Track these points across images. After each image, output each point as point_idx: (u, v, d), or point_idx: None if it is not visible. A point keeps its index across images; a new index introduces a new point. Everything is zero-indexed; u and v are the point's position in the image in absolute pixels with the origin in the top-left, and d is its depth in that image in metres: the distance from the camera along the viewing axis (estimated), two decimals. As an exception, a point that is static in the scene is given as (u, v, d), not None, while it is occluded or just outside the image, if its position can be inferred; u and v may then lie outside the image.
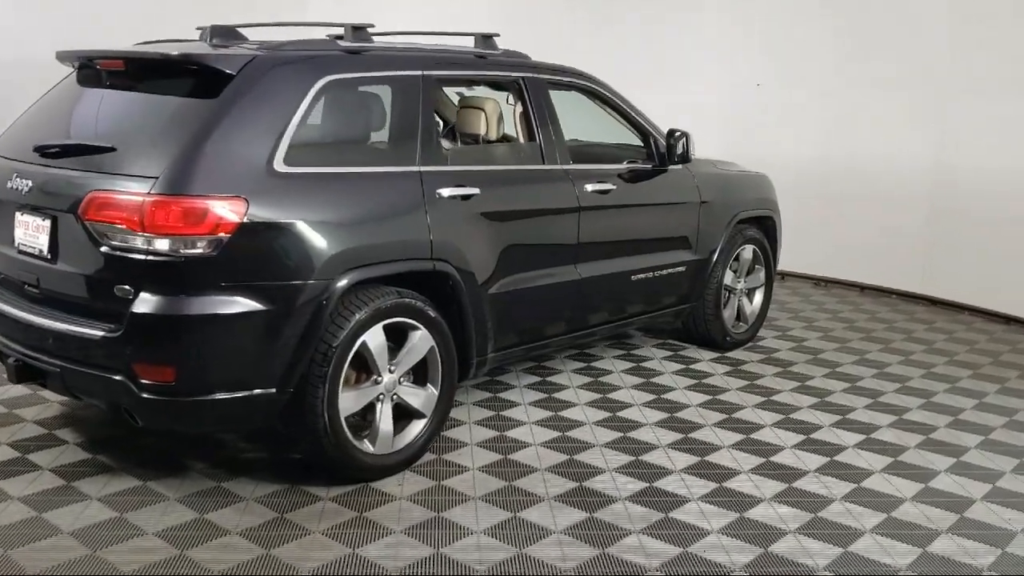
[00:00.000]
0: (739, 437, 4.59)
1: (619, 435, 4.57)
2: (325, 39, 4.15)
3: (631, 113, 5.40)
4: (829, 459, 4.36)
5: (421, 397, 4.11)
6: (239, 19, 4.48)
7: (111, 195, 3.48)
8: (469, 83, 5.21)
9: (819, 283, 8.36)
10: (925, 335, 6.71)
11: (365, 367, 3.91)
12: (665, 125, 5.55)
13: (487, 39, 4.81)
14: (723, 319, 5.99)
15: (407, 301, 3.97)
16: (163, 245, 3.40)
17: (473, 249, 4.28)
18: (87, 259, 3.58)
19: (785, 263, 7.79)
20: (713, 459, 4.32)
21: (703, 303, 5.86)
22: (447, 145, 4.69)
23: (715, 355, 5.96)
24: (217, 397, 3.53)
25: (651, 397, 5.12)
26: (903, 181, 7.63)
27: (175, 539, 3.44)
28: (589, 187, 4.93)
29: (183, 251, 3.41)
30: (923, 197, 7.55)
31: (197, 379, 3.51)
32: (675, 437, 4.56)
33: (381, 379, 3.93)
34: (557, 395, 5.11)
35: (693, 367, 5.70)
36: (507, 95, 5.16)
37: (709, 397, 5.16)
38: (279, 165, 3.62)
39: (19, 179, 3.81)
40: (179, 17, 4.17)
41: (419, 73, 4.24)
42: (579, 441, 4.48)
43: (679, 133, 5.39)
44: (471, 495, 3.87)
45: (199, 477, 3.96)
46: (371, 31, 4.28)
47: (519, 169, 4.80)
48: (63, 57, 4.20)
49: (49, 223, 3.71)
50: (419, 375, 4.13)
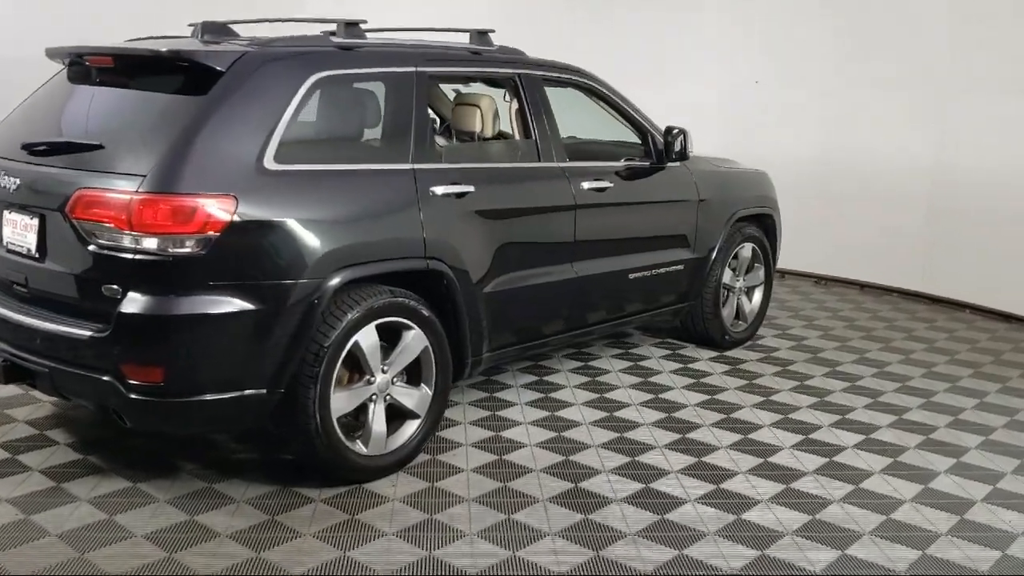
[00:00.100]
0: (737, 437, 4.54)
1: (616, 435, 4.52)
2: (317, 35, 4.11)
3: (628, 110, 5.35)
4: (828, 460, 4.31)
5: (415, 397, 4.06)
6: (240, 17, 4.43)
7: (99, 193, 3.44)
8: (464, 80, 5.15)
9: (819, 281, 8.30)
10: (926, 333, 6.66)
11: (358, 367, 3.86)
12: (665, 124, 5.49)
13: (482, 35, 4.76)
14: (722, 318, 5.93)
15: (400, 300, 3.92)
16: (151, 244, 3.35)
17: (467, 247, 4.23)
18: (75, 258, 3.54)
19: (785, 261, 7.74)
20: (710, 460, 4.27)
21: (702, 302, 5.81)
22: (441, 142, 4.64)
23: (714, 354, 5.91)
24: (206, 398, 3.49)
25: (649, 397, 5.07)
26: (903, 180, 7.59)
27: (164, 542, 3.40)
28: (586, 185, 4.88)
29: (171, 250, 3.37)
30: (923, 196, 7.50)
31: (186, 379, 3.46)
32: (672, 437, 4.52)
33: (374, 379, 3.89)
34: (554, 395, 5.06)
35: (691, 366, 5.65)
36: (504, 92, 5.11)
37: (707, 397, 5.11)
38: (269, 163, 3.57)
39: (7, 177, 3.76)
40: (180, 15, 4.12)
41: (412, 70, 4.19)
42: (575, 442, 4.43)
43: (677, 130, 5.34)
44: (465, 497, 3.83)
45: (190, 478, 3.92)
46: (364, 27, 4.23)
47: (514, 167, 4.75)
48: (53, 54, 4.16)
49: (37, 222, 3.67)
50: (413, 375, 4.08)
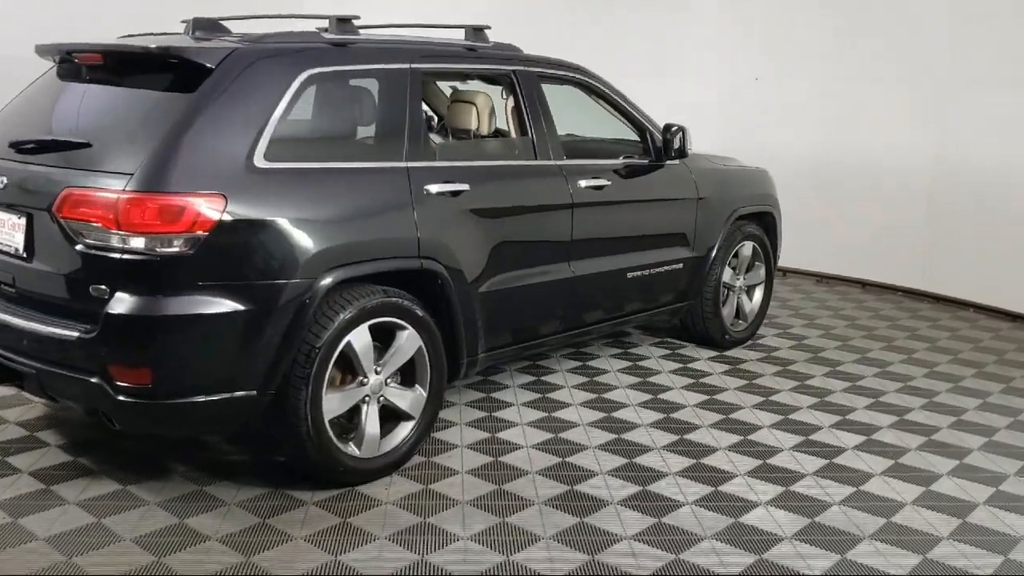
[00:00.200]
0: (736, 439, 4.48)
1: (613, 437, 4.46)
2: (308, 31, 4.05)
3: (626, 107, 5.29)
4: (828, 461, 4.25)
5: (409, 399, 4.01)
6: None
7: (86, 192, 3.39)
8: (458, 76, 5.09)
9: (821, 280, 8.24)
10: (928, 332, 6.59)
11: (350, 368, 3.81)
12: (665, 123, 5.42)
13: (478, 32, 4.70)
14: (722, 317, 5.87)
15: (394, 300, 3.87)
16: (139, 243, 3.30)
17: (462, 246, 4.18)
18: (62, 258, 3.49)
19: (787, 259, 7.70)
20: (709, 461, 4.21)
21: (701, 301, 5.75)
22: (436, 140, 4.59)
23: (714, 354, 5.85)
24: (195, 400, 3.43)
25: (647, 397, 5.02)
26: (904, 178, 7.56)
27: (152, 546, 3.35)
28: (583, 183, 4.82)
29: (159, 250, 3.31)
30: (923, 194, 7.46)
31: (174, 381, 3.41)
32: (670, 439, 4.46)
33: (367, 380, 3.83)
34: (551, 395, 5.01)
35: (691, 366, 5.59)
36: (501, 89, 5.05)
37: (706, 397, 5.05)
38: (259, 161, 3.52)
39: None
40: (181, 14, 4.06)
41: (406, 66, 4.13)
42: (572, 443, 4.38)
43: (676, 127, 5.28)
44: (459, 500, 3.77)
45: (181, 480, 3.87)
46: (358, 24, 4.17)
47: (510, 164, 4.70)
48: (43, 51, 4.10)
49: (24, 221, 3.62)
50: (407, 376, 4.02)
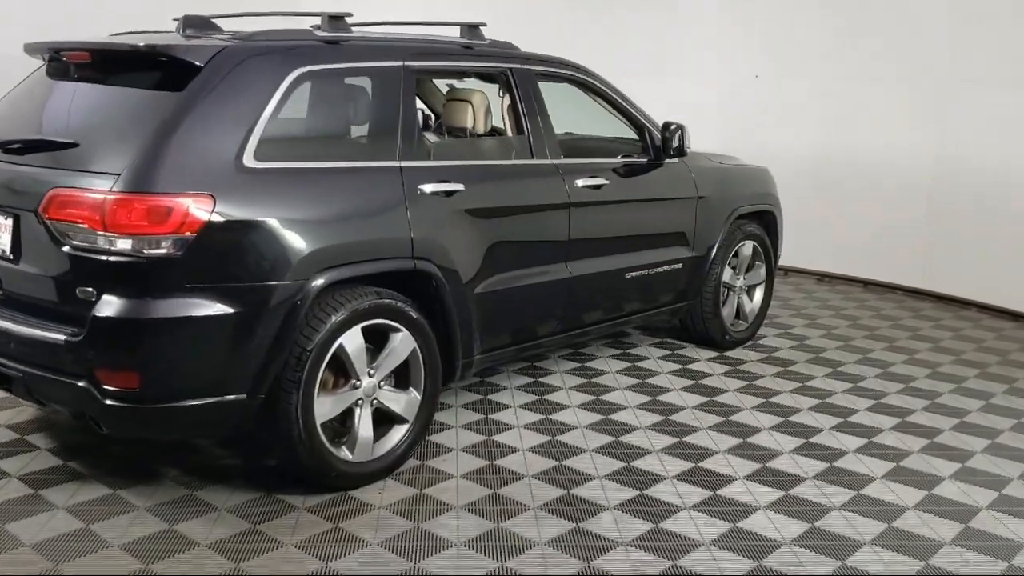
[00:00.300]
0: (735, 441, 4.42)
1: (611, 439, 4.40)
2: (300, 29, 3.99)
3: (624, 105, 5.22)
4: (829, 465, 4.18)
5: (403, 402, 3.95)
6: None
7: (72, 193, 3.33)
8: (453, 74, 5.03)
9: (823, 279, 8.17)
10: (931, 332, 6.53)
11: (343, 371, 3.75)
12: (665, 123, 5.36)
13: (473, 29, 4.63)
14: (722, 317, 5.81)
15: (387, 302, 3.81)
16: (125, 245, 3.24)
17: (457, 247, 4.12)
18: (49, 260, 3.43)
19: (788, 259, 7.64)
20: (707, 465, 4.15)
21: (701, 301, 5.69)
22: (433, 139, 4.53)
23: (714, 354, 5.79)
24: (184, 404, 3.38)
25: (646, 399, 4.95)
26: (904, 178, 7.51)
27: (141, 552, 3.29)
28: (580, 182, 4.75)
29: (146, 251, 3.26)
30: (924, 194, 7.41)
31: (163, 385, 3.36)
32: (669, 441, 4.40)
33: (360, 383, 3.77)
34: (549, 396, 4.95)
35: (690, 367, 5.53)
36: (498, 88, 4.99)
37: (706, 399, 4.99)
38: (249, 161, 3.46)
39: None
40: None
41: (400, 64, 4.07)
42: (569, 446, 4.32)
43: (675, 126, 5.21)
44: (453, 504, 3.72)
45: (172, 485, 3.81)
46: (351, 21, 4.11)
47: (506, 164, 4.63)
48: (31, 49, 4.05)
49: (11, 222, 3.56)
50: (401, 378, 3.96)
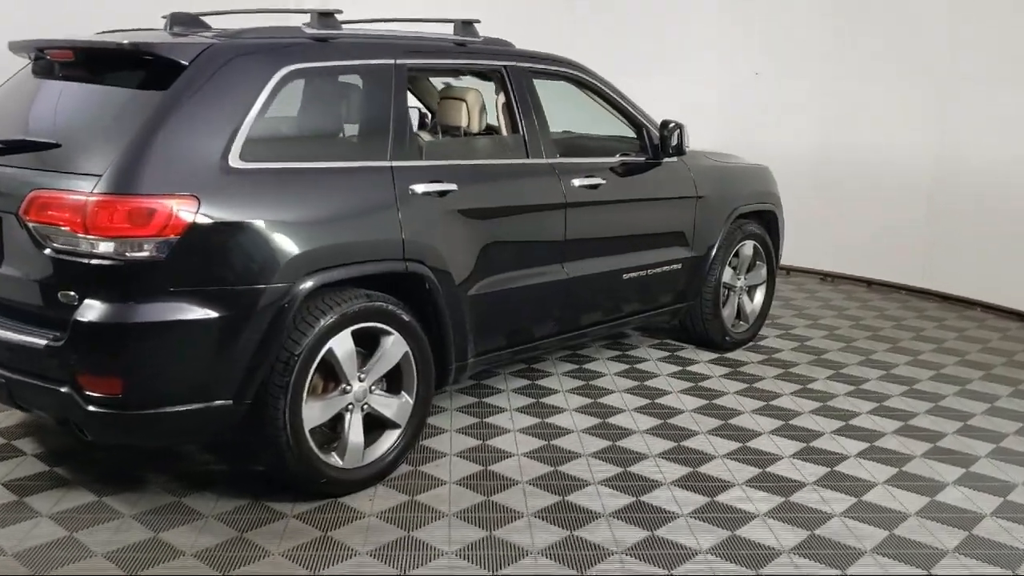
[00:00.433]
0: (734, 446, 4.34)
1: (608, 443, 4.32)
2: (288, 26, 3.91)
3: (622, 103, 5.14)
4: (829, 470, 4.10)
5: (394, 406, 3.87)
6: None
7: (53, 194, 3.26)
8: (446, 72, 4.95)
9: (826, 278, 8.08)
10: (935, 333, 6.44)
11: (333, 375, 3.68)
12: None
13: (467, 26, 4.54)
14: (722, 318, 5.72)
15: (378, 305, 3.73)
16: (107, 248, 3.17)
17: (450, 248, 4.04)
18: (31, 263, 3.36)
19: (791, 258, 7.57)
20: (705, 470, 4.07)
21: (701, 302, 5.60)
22: (427, 138, 4.45)
23: (714, 356, 5.70)
24: (168, 410, 3.30)
25: (644, 402, 4.87)
26: (904, 177, 7.43)
27: (124, 561, 3.22)
28: (576, 182, 4.67)
29: (128, 254, 3.18)
30: (924, 193, 7.33)
31: (146, 391, 3.28)
32: (667, 446, 4.32)
33: (350, 388, 3.70)
34: (545, 400, 4.87)
35: (690, 369, 5.45)
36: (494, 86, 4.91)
37: (705, 402, 4.91)
38: (234, 161, 3.38)
39: None
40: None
41: (391, 62, 3.99)
42: (565, 451, 4.24)
43: (673, 124, 5.13)
44: (445, 512, 3.64)
45: (158, 492, 3.74)
46: (341, 18, 4.04)
47: (500, 163, 4.54)
48: (16, 48, 3.98)
49: (-7, 224, 3.49)
50: (393, 383, 3.89)
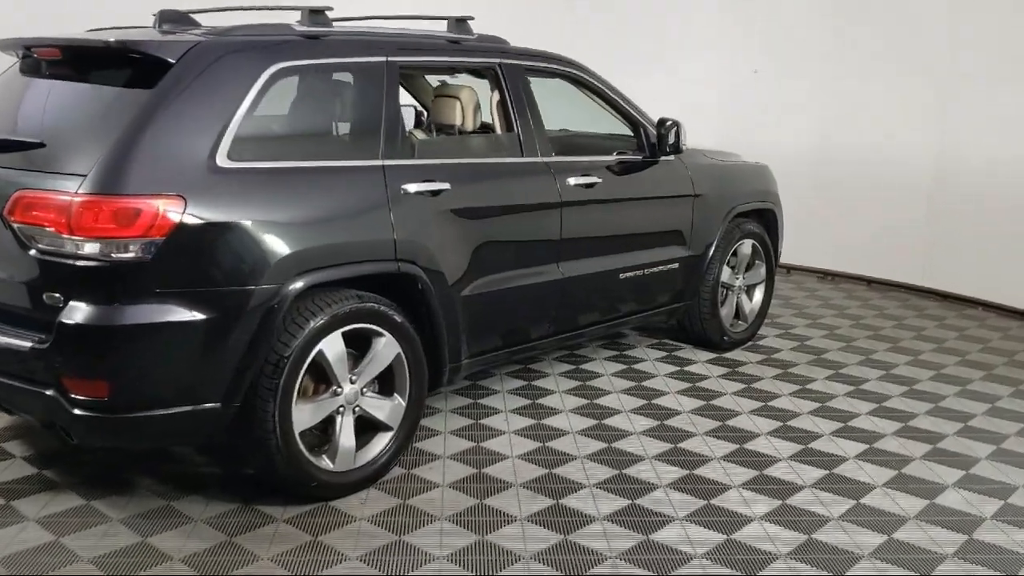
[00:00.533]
0: (732, 448, 4.28)
1: (603, 445, 4.27)
2: (278, 24, 3.86)
3: (618, 101, 5.08)
4: (827, 472, 4.05)
5: (386, 409, 3.82)
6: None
7: (38, 195, 3.21)
8: (439, 70, 4.89)
9: (825, 277, 8.03)
10: (935, 332, 6.38)
11: (323, 377, 3.63)
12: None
13: (461, 23, 4.49)
14: (720, 318, 5.67)
15: (369, 306, 3.68)
16: (92, 249, 3.12)
17: (443, 249, 3.99)
18: (16, 264, 3.31)
19: (791, 257, 7.52)
20: (702, 472, 4.02)
21: (699, 301, 5.55)
22: (419, 136, 4.40)
23: (712, 356, 5.65)
24: (155, 413, 3.26)
25: (641, 403, 4.82)
26: (904, 176, 7.39)
27: (110, 566, 3.18)
28: (572, 180, 4.62)
29: (114, 255, 3.13)
30: (924, 193, 7.29)
31: (132, 394, 3.23)
32: (663, 448, 4.26)
33: (341, 390, 3.65)
34: (541, 400, 4.82)
35: (687, 369, 5.39)
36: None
37: (702, 403, 4.85)
38: (222, 160, 3.33)
39: None
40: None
41: (383, 59, 3.94)
42: (560, 453, 4.19)
43: (670, 122, 5.07)
44: (438, 516, 3.59)
45: (147, 495, 3.69)
46: (332, 16, 3.98)
47: (494, 162, 4.48)
48: (4, 46, 3.92)
49: (-22, 225, 3.44)
50: (385, 384, 3.84)
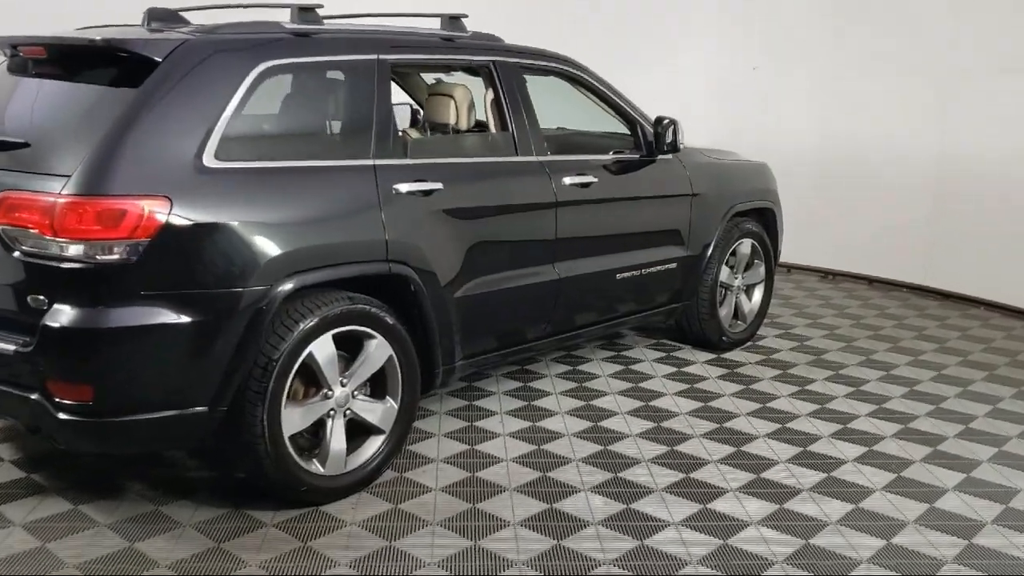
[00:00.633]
0: (729, 450, 4.23)
1: (599, 448, 4.22)
2: (267, 21, 3.81)
3: (615, 99, 5.02)
4: (826, 475, 3.99)
5: (378, 412, 3.77)
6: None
7: (22, 196, 3.16)
8: (432, 68, 4.84)
9: (826, 276, 7.97)
10: (936, 332, 6.32)
11: (314, 380, 3.57)
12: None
13: (454, 20, 4.43)
14: (719, 318, 5.61)
15: (360, 307, 3.63)
16: (76, 251, 3.07)
17: (436, 249, 3.93)
18: (0, 267, 3.26)
19: (792, 256, 7.47)
20: (698, 476, 3.96)
21: (697, 301, 5.49)
22: (410, 136, 4.34)
23: (710, 356, 5.60)
24: (141, 417, 3.20)
25: (638, 404, 4.77)
26: (906, 175, 7.34)
27: (97, 573, 3.13)
28: (568, 180, 4.56)
29: (98, 257, 3.08)
30: (925, 191, 7.23)
31: (118, 398, 3.18)
32: (659, 450, 4.21)
33: (332, 393, 3.60)
34: (537, 402, 4.76)
35: (685, 370, 5.34)
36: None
37: (700, 404, 4.80)
38: (209, 160, 3.28)
39: None
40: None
41: (374, 57, 3.88)
42: (555, 455, 4.14)
43: (667, 120, 5.01)
44: (429, 521, 3.54)
45: (136, 499, 3.65)
46: (323, 13, 3.93)
47: (488, 161, 4.43)
48: (-8, 44, 3.88)
49: (-37, 226, 3.39)
50: (377, 387, 3.79)
